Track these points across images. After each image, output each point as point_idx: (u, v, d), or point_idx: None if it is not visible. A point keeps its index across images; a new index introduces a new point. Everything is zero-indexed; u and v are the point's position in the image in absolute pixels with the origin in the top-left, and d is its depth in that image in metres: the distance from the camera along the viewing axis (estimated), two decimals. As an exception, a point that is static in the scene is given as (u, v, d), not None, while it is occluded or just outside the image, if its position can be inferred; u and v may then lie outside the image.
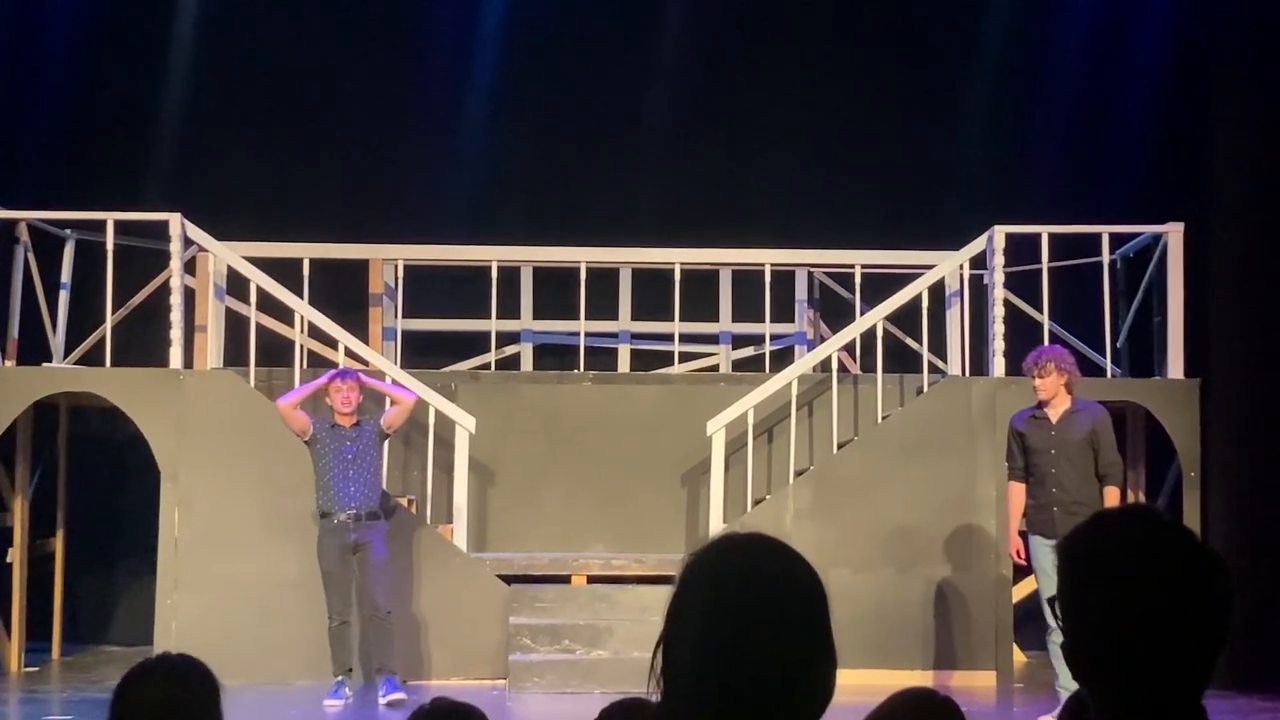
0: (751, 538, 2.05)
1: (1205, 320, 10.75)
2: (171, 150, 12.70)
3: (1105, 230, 11.02)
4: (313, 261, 11.21)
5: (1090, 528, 2.08)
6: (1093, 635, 1.99)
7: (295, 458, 10.33)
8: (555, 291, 12.30)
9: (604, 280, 12.20)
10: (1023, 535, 8.85)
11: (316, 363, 11.25)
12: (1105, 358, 10.91)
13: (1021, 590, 10.80)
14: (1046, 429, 8.70)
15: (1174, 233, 10.83)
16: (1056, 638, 8.32)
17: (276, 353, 11.11)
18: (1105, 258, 10.99)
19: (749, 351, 12.61)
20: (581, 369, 11.59)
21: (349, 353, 10.73)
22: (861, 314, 11.20)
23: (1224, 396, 10.55)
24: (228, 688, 3.07)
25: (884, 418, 10.87)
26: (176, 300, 10.45)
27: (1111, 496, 8.57)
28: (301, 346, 10.95)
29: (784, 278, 12.17)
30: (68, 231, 11.20)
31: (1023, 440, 8.79)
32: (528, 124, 13.14)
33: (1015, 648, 10.65)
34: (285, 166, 12.73)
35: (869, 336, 10.98)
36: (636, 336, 12.53)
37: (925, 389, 10.91)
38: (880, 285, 11.44)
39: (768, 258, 11.64)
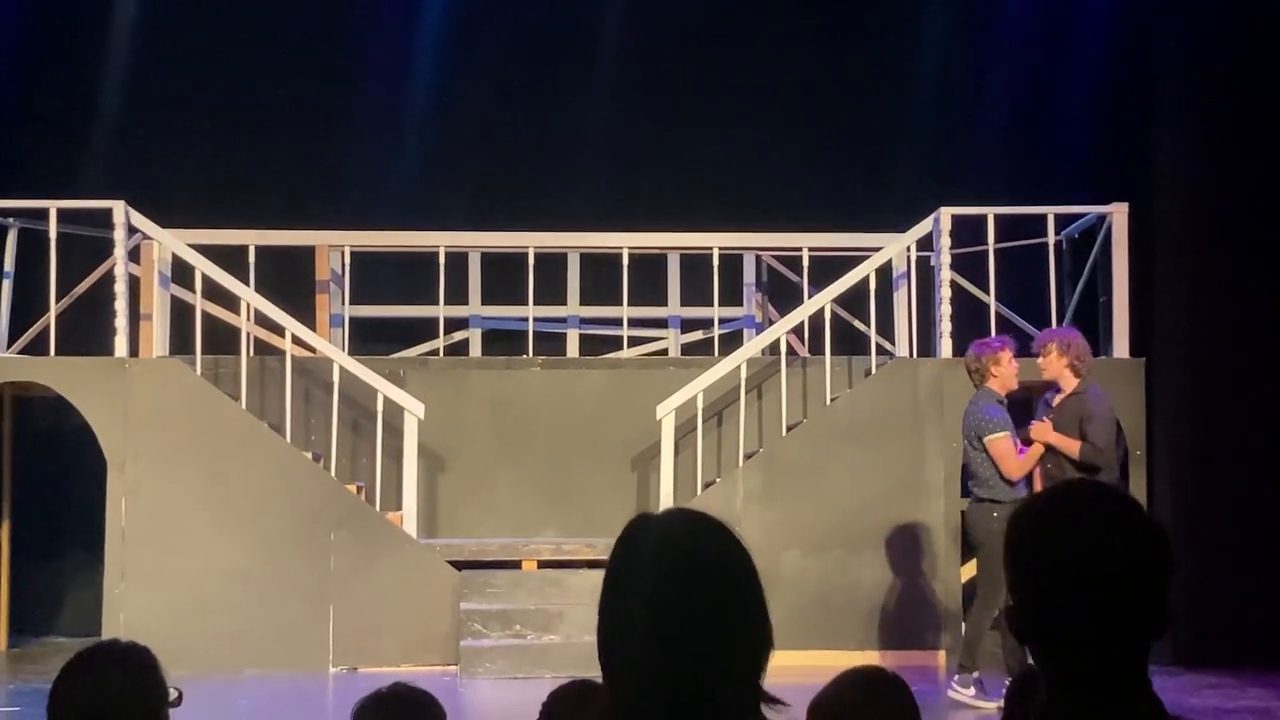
0: (669, 518, 2.10)
1: (1150, 300, 10.84)
2: (115, 137, 12.59)
3: (1050, 211, 11.09)
4: (258, 248, 11.14)
5: (1040, 497, 2.13)
6: (1040, 600, 2.02)
7: (241, 445, 10.30)
8: (503, 276, 12.27)
9: (552, 265, 12.19)
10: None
11: (263, 350, 11.20)
12: (1051, 338, 10.98)
13: (970, 570, 10.86)
14: (1048, 412, 8.75)
15: (1118, 213, 10.92)
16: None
17: (223, 340, 11.05)
18: (1050, 238, 11.08)
19: (698, 335, 12.62)
20: (530, 354, 11.58)
21: (296, 340, 10.68)
22: (809, 297, 11.23)
23: (1169, 375, 10.64)
24: (176, 677, 3.05)
25: (832, 400, 10.90)
26: (121, 288, 10.37)
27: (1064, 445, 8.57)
28: (248, 334, 10.89)
29: (732, 262, 12.20)
30: (10, 220, 11.08)
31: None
32: (474, 109, 13.09)
33: (964, 627, 10.71)
34: (230, 153, 12.64)
35: (817, 319, 11.00)
36: (585, 321, 12.52)
37: (873, 371, 10.95)
38: (828, 268, 11.47)
39: (716, 241, 11.65)
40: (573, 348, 12.38)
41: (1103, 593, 1.99)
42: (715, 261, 11.53)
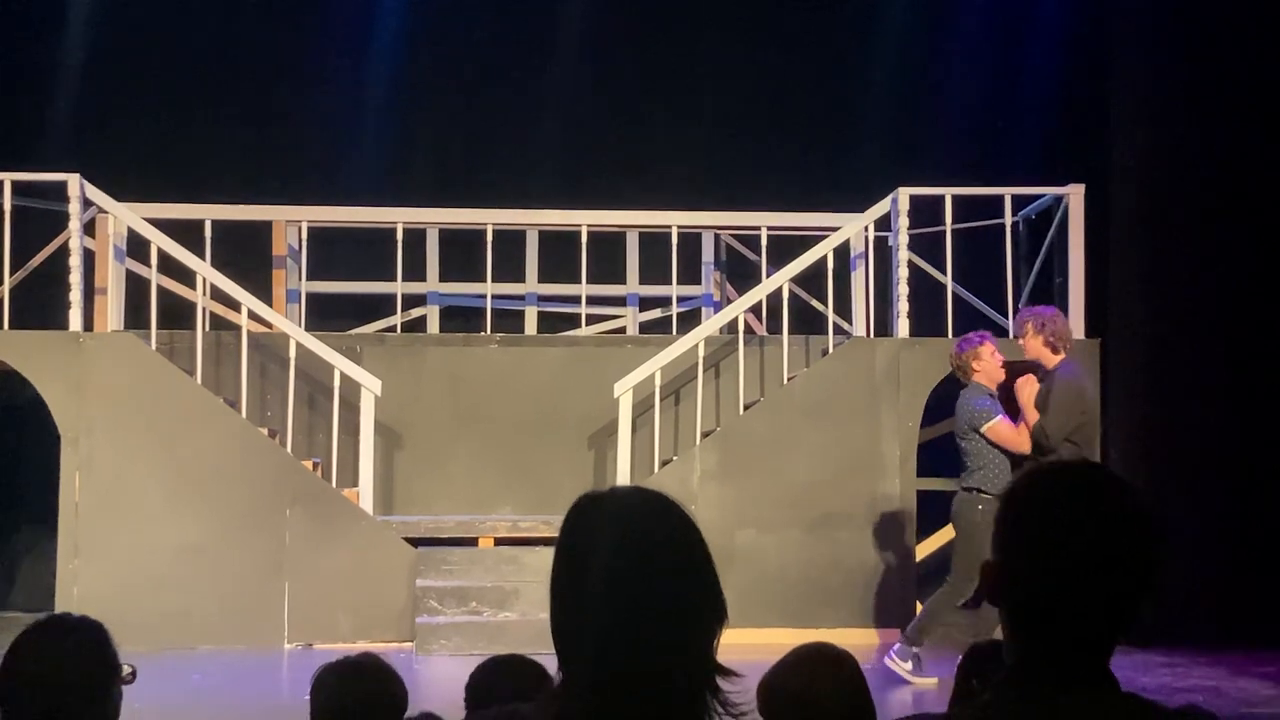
0: (618, 496, 2.11)
1: (1106, 280, 10.90)
2: (70, 110, 12.48)
3: (1007, 192, 11.14)
4: (215, 223, 11.08)
5: (1048, 466, 2.17)
6: (1022, 564, 2.05)
7: (197, 420, 10.26)
8: (461, 253, 12.25)
9: (510, 242, 12.17)
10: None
11: (219, 325, 11.14)
12: (1007, 318, 11.01)
13: (925, 549, 10.93)
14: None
15: (1074, 194, 10.97)
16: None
17: (178, 315, 10.99)
18: (1008, 219, 11.12)
19: (656, 313, 12.63)
20: (488, 331, 11.56)
21: (252, 315, 10.64)
22: (768, 276, 11.25)
23: (1124, 356, 10.71)
24: (130, 653, 3.04)
25: (790, 379, 10.93)
26: (76, 262, 10.30)
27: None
28: (203, 309, 10.84)
29: (691, 240, 12.20)
30: (-37, 192, 10.99)
31: None
32: (433, 85, 13.05)
33: (919, 606, 10.76)
34: (186, 126, 12.56)
35: (775, 298, 11.03)
36: (543, 299, 12.52)
37: (830, 350, 10.98)
38: (786, 247, 11.50)
39: (674, 220, 11.64)
40: (531, 325, 12.38)
41: (1084, 569, 2.01)
42: (674, 240, 11.54)
